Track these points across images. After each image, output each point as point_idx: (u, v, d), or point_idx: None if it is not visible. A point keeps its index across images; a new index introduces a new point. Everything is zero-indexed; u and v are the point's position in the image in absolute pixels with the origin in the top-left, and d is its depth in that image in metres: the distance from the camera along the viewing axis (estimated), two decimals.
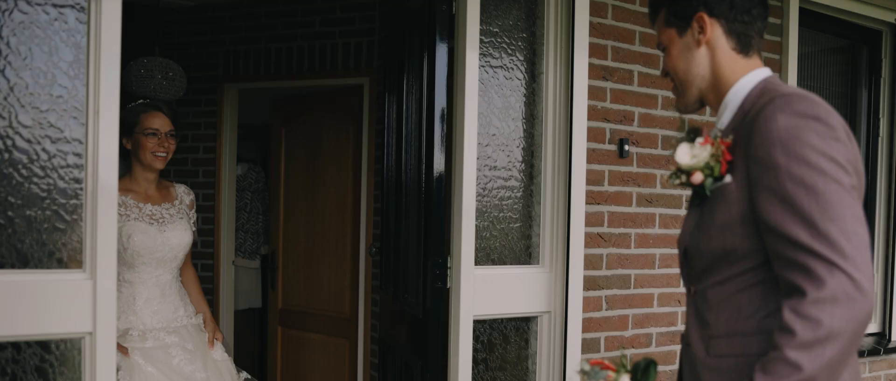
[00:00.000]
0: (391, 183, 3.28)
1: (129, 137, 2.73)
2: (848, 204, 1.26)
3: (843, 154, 1.29)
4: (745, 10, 1.52)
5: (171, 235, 2.74)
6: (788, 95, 1.34)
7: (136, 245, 2.66)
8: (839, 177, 1.27)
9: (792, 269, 1.28)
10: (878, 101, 4.00)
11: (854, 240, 1.24)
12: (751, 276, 1.40)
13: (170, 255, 2.75)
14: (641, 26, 3.05)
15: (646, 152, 3.07)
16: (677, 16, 1.55)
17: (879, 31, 3.96)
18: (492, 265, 2.79)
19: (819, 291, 1.23)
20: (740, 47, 1.53)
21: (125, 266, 2.69)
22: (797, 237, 1.26)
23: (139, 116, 2.74)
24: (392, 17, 3.45)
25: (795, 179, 1.27)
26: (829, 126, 1.30)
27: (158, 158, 2.74)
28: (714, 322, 1.46)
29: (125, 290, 2.70)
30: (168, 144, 2.76)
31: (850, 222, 1.25)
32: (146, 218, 2.72)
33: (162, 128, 2.74)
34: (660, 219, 3.12)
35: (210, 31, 4.72)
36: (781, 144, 1.30)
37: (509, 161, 2.85)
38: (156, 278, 2.74)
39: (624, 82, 3.01)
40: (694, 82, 1.56)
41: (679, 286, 3.17)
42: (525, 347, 2.89)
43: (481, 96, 2.74)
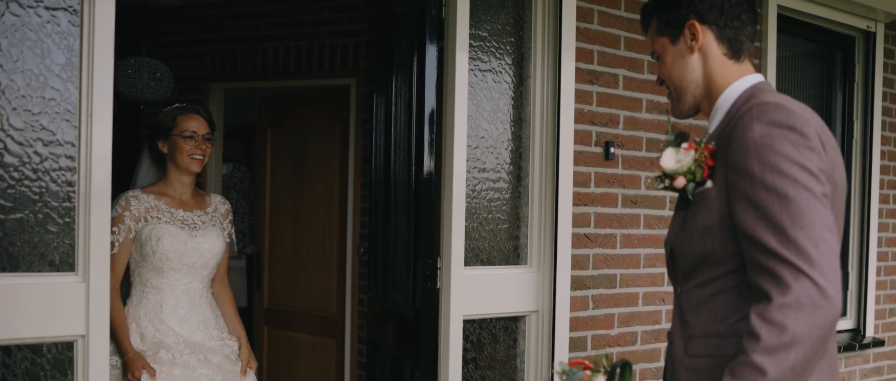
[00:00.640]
0: (380, 184, 3.31)
1: (166, 140, 2.69)
2: (818, 212, 1.29)
3: (815, 163, 1.32)
4: (734, 15, 1.55)
5: (202, 241, 2.67)
6: (765, 104, 1.37)
7: (165, 249, 2.58)
8: (811, 185, 1.30)
9: (761, 274, 1.31)
10: (852, 104, 4.10)
11: (822, 247, 1.27)
12: (728, 279, 1.43)
13: (200, 261, 2.67)
14: (626, 31, 3.10)
15: (631, 155, 3.13)
16: (669, 24, 1.58)
17: (853, 38, 4.06)
18: (481, 266, 2.83)
19: (784, 296, 1.26)
20: (732, 53, 1.55)
21: (153, 271, 2.62)
22: (767, 243, 1.29)
23: (176, 118, 2.69)
24: (380, 19, 3.48)
25: (768, 187, 1.30)
26: (803, 135, 1.32)
27: (195, 162, 2.68)
28: (693, 323, 1.50)
29: (152, 296, 2.62)
30: (205, 147, 2.71)
31: (818, 230, 1.28)
32: (177, 223, 2.66)
33: (199, 131, 2.69)
34: (644, 220, 3.17)
35: (196, 31, 4.71)
36: (756, 153, 1.33)
37: (498, 163, 2.89)
38: (185, 286, 2.66)
39: (609, 86, 3.06)
40: (689, 89, 1.58)
41: (663, 286, 3.23)
42: (513, 346, 2.93)
43: (470, 99, 2.78)
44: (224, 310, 2.82)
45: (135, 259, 2.63)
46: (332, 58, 4.47)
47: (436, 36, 2.67)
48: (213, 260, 2.72)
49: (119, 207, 2.59)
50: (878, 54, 4.05)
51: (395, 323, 3.00)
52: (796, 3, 3.61)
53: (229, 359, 2.69)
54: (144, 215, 2.61)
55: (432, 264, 2.68)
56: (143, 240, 2.59)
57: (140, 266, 2.63)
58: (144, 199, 2.64)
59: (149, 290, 2.62)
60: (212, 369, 2.59)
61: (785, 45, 3.79)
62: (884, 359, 4.26)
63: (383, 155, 3.25)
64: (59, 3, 2.11)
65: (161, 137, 2.70)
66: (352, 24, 4.44)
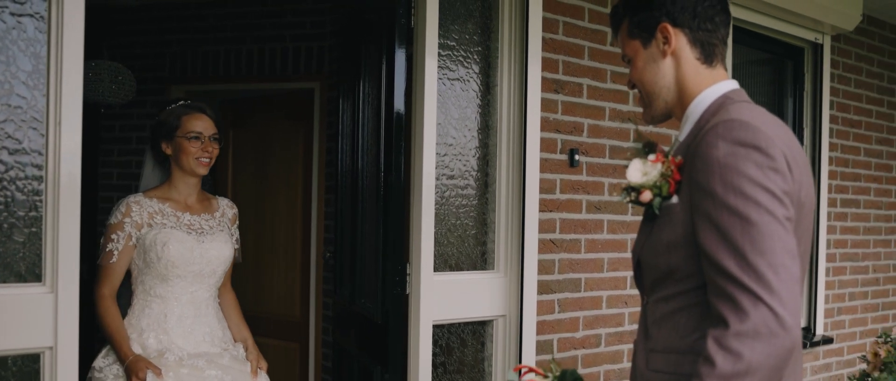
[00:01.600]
0: (346, 188, 3.32)
1: (170, 141, 2.54)
2: (780, 237, 1.25)
3: (780, 185, 1.28)
4: (708, 17, 1.50)
5: (209, 247, 2.52)
6: (731, 121, 1.33)
7: (172, 255, 2.44)
8: (774, 209, 1.26)
9: (720, 297, 1.28)
10: (802, 111, 4.26)
11: (782, 274, 1.24)
12: (691, 296, 1.40)
13: (208, 269, 2.52)
14: (590, 42, 3.18)
15: (594, 162, 3.21)
16: (640, 27, 1.53)
17: (802, 48, 4.23)
18: (450, 271, 2.87)
19: (742, 323, 1.23)
20: (704, 57, 1.51)
21: (158, 279, 2.47)
22: (727, 267, 1.26)
23: (180, 118, 2.54)
24: (346, 25, 3.49)
25: (730, 210, 1.27)
26: (768, 156, 1.28)
27: (202, 164, 2.53)
28: (655, 336, 1.48)
29: (156, 306, 2.47)
30: (212, 149, 2.56)
31: (779, 256, 1.24)
32: (184, 227, 2.51)
33: (205, 131, 2.54)
34: (607, 225, 3.26)
35: (156, 32, 4.65)
36: (719, 173, 1.29)
37: (465, 170, 2.94)
38: (191, 295, 2.51)
39: (574, 95, 3.14)
40: (660, 94, 1.54)
41: (626, 289, 3.32)
42: (481, 349, 2.98)
43: (439, 107, 2.82)
44: (228, 314, 2.70)
45: (138, 266, 2.49)
46: (296, 61, 4.46)
47: (404, 44, 2.70)
48: (220, 268, 2.58)
49: (119, 213, 2.46)
50: (825, 65, 4.23)
51: (363, 328, 3.02)
52: (750, 16, 3.74)
53: (237, 360, 2.56)
54: (148, 220, 2.47)
55: (402, 270, 2.71)
56: (147, 246, 2.45)
57: (143, 274, 2.49)
58: (147, 203, 2.50)
59: (152, 299, 2.48)
60: (221, 369, 2.46)
61: (738, 54, 3.92)
62: (832, 356, 4.44)
63: (350, 160, 3.27)
64: (25, 9, 2.09)
65: (164, 139, 2.54)
66: (316, 27, 4.44)
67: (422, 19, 2.71)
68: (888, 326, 4.82)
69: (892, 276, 4.82)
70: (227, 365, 2.48)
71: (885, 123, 4.74)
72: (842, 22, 4.04)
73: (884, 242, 4.75)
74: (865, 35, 4.56)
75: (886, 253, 4.78)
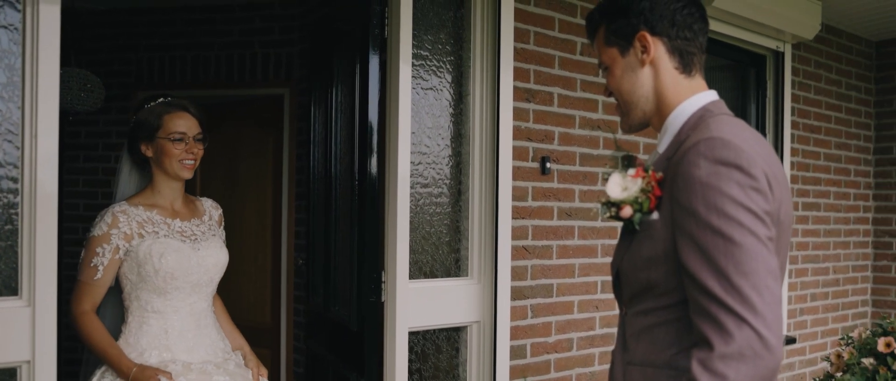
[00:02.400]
0: (319, 195, 3.33)
1: (150, 142, 2.34)
2: (762, 258, 1.25)
3: (761, 205, 1.27)
4: (687, 26, 1.47)
5: (206, 254, 2.36)
6: (713, 140, 1.31)
7: (171, 266, 2.26)
8: (756, 229, 1.26)
9: (703, 318, 1.27)
10: (765, 116, 4.38)
11: (765, 295, 1.23)
12: (671, 311, 1.40)
13: (206, 277, 2.36)
14: (560, 51, 3.24)
15: (565, 169, 3.27)
16: (617, 34, 1.50)
17: (764, 56, 4.35)
18: (424, 278, 2.90)
19: (727, 345, 1.22)
20: (683, 66, 1.48)
21: (155, 293, 2.28)
22: (710, 288, 1.25)
23: (162, 117, 2.34)
24: (317, 32, 3.50)
25: (713, 230, 1.26)
26: (750, 176, 1.27)
27: (186, 167, 2.35)
28: (633, 349, 1.47)
29: (154, 322, 2.29)
30: (197, 150, 2.38)
31: (762, 277, 1.24)
32: (177, 235, 2.33)
33: (189, 131, 2.35)
34: (578, 231, 3.32)
35: (122, 36, 4.61)
36: (702, 193, 1.28)
37: (439, 178, 2.97)
38: (190, 307, 2.33)
39: (545, 104, 3.19)
40: (639, 104, 1.51)
41: (597, 293, 3.39)
42: (456, 355, 3.02)
43: (413, 116, 2.85)
44: (221, 323, 2.54)
45: (130, 281, 2.30)
46: (265, 67, 4.46)
47: (378, 54, 2.73)
48: (217, 275, 2.42)
49: (104, 224, 2.26)
50: (786, 72, 4.35)
51: (338, 335, 3.04)
52: (715, 25, 3.84)
53: (241, 366, 2.46)
54: (138, 230, 2.27)
55: (377, 278, 2.74)
56: (140, 259, 2.25)
57: (137, 289, 2.29)
58: (134, 212, 2.29)
59: (150, 315, 2.29)
60: (228, 374, 2.35)
61: None
62: (795, 355, 4.57)
63: (322, 167, 3.28)
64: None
65: (144, 139, 2.34)
66: (285, 33, 4.44)
67: (395, 29, 2.74)
68: (848, 325, 4.98)
69: (851, 277, 4.98)
70: (233, 371, 2.38)
71: (844, 128, 4.89)
72: (802, 31, 4.17)
73: (843, 244, 4.90)
74: (824, 43, 4.70)
75: (845, 255, 4.93)
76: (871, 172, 5.13)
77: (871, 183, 5.13)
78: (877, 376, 2.20)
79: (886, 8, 4.43)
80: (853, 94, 4.97)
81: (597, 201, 3.39)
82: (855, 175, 4.99)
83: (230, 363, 2.39)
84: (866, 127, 5.09)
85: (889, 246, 5.11)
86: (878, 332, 2.36)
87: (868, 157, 5.11)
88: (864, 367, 2.25)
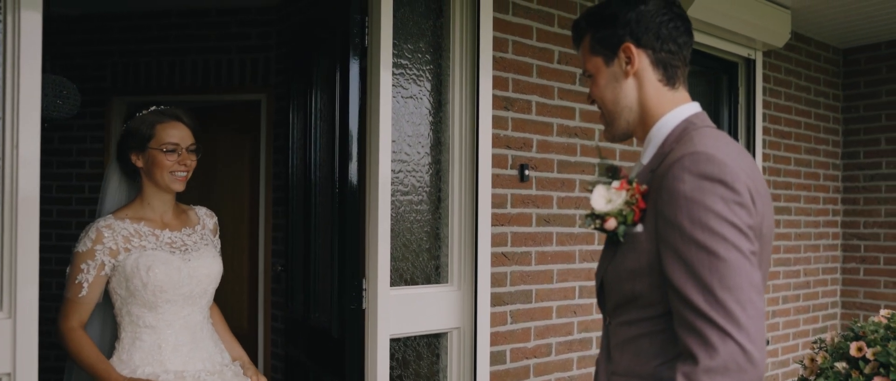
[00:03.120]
0: (298, 201, 3.34)
1: (141, 152, 2.26)
2: (746, 272, 1.26)
3: (744, 220, 1.29)
4: (672, 39, 1.48)
5: (197, 265, 2.27)
6: (697, 154, 1.32)
7: (159, 279, 2.18)
8: (740, 244, 1.27)
9: (688, 331, 1.28)
10: (737, 122, 4.47)
11: (749, 309, 1.25)
12: (655, 323, 1.41)
13: (198, 289, 2.27)
14: (538, 60, 3.28)
15: (543, 176, 3.31)
16: (603, 44, 1.50)
17: (736, 63, 4.44)
18: (405, 286, 2.92)
19: (711, 359, 1.24)
20: (667, 79, 1.49)
21: (146, 307, 2.20)
22: (694, 302, 1.27)
23: (154, 127, 2.25)
24: (296, 38, 3.51)
25: (697, 244, 1.27)
26: (733, 190, 1.29)
27: (178, 179, 2.27)
28: (617, 359, 1.48)
29: (147, 337, 2.21)
30: (190, 162, 2.29)
31: (746, 291, 1.25)
32: (166, 247, 2.25)
33: (182, 142, 2.26)
34: (556, 237, 3.36)
35: (97, 42, 4.57)
36: (686, 207, 1.29)
37: (419, 186, 3.00)
38: (184, 320, 2.25)
39: (523, 112, 3.23)
40: (622, 114, 1.52)
41: (575, 299, 3.43)
42: (436, 361, 3.04)
43: (393, 124, 2.87)
44: (219, 333, 2.46)
45: (120, 296, 2.23)
46: (242, 73, 4.44)
47: (359, 62, 2.75)
48: (211, 286, 2.34)
49: (89, 240, 2.19)
50: (757, 79, 4.44)
51: (318, 341, 3.05)
52: None
53: (239, 376, 2.39)
54: (124, 244, 2.20)
55: (358, 286, 2.75)
56: (128, 273, 2.18)
57: (127, 304, 2.22)
58: (120, 226, 2.21)
59: (142, 330, 2.21)
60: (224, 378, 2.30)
61: None
62: (768, 357, 4.65)
63: (301, 173, 3.29)
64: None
65: (135, 149, 2.26)
66: (262, 39, 4.43)
67: (376, 38, 2.76)
68: (818, 326, 5.09)
69: (821, 279, 5.09)
70: (230, 379, 2.32)
71: (813, 134, 5.00)
72: (772, 39, 4.26)
73: (813, 247, 5.01)
74: (794, 51, 4.81)
75: (816, 257, 5.04)
76: (839, 177, 5.26)
77: (839, 187, 5.25)
78: (849, 379, 2.27)
79: (853, 17, 4.55)
80: (821, 100, 5.09)
81: (575, 207, 3.43)
82: (824, 179, 5.11)
83: (227, 372, 2.32)
84: (834, 132, 5.21)
85: (857, 249, 5.24)
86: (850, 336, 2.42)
87: (836, 161, 5.23)
88: (837, 371, 2.32)
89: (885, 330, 2.41)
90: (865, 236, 5.20)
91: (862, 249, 5.22)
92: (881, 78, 5.13)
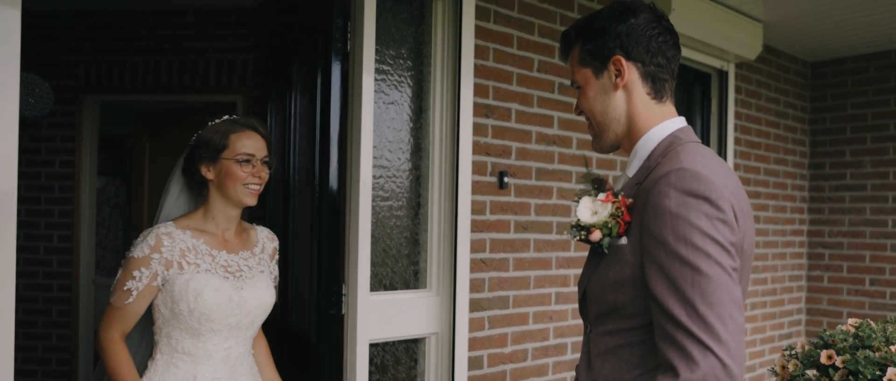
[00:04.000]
0: (276, 206, 3.32)
1: (213, 163, 2.12)
2: (728, 288, 1.29)
3: (727, 237, 1.31)
4: (660, 52, 1.49)
5: (249, 294, 2.12)
6: (683, 171, 1.34)
7: (207, 306, 2.02)
8: (722, 260, 1.29)
9: (669, 345, 1.30)
10: (709, 131, 4.56)
11: (729, 325, 1.27)
12: (637, 333, 1.42)
13: (246, 320, 2.12)
14: (518, 68, 3.31)
15: (522, 183, 3.34)
16: (592, 56, 1.51)
17: (709, 74, 4.52)
18: (384, 291, 2.93)
19: (692, 372, 1.26)
20: (655, 92, 1.50)
21: (187, 333, 2.05)
22: (677, 316, 1.29)
23: (228, 136, 2.13)
24: (276, 41, 3.49)
25: (681, 260, 1.29)
26: (718, 208, 1.31)
27: (251, 193, 2.12)
28: (598, 368, 1.49)
29: (183, 365, 2.06)
30: (264, 175, 2.15)
31: (727, 307, 1.27)
32: (220, 270, 2.09)
33: (257, 153, 2.14)
34: (534, 244, 3.39)
35: (68, 39, 4.49)
36: (671, 223, 1.31)
37: (399, 191, 3.01)
38: (225, 352, 2.10)
39: (503, 119, 3.26)
40: (611, 126, 1.52)
41: (551, 304, 3.47)
42: (414, 366, 3.05)
43: (374, 129, 2.87)
44: (261, 368, 2.30)
45: (162, 316, 2.08)
46: (218, 74, 4.41)
47: (341, 67, 2.75)
48: (260, 318, 2.18)
49: (146, 246, 2.04)
50: (730, 90, 4.54)
51: (295, 345, 3.04)
52: None
53: None
54: (180, 258, 2.05)
55: (338, 291, 2.75)
56: (176, 294, 2.03)
57: (169, 325, 2.08)
58: (180, 237, 2.07)
59: (179, 356, 2.07)
60: None
61: None
62: None
63: (279, 176, 3.27)
64: None
65: (205, 159, 2.13)
66: (239, 40, 4.40)
67: (359, 42, 2.76)
68: (784, 332, 5.20)
69: (787, 286, 5.20)
70: None
71: (781, 145, 5.12)
72: (745, 51, 4.35)
73: (780, 255, 5.12)
74: (765, 63, 4.92)
75: (782, 265, 5.16)
76: (806, 187, 5.38)
77: (806, 197, 5.38)
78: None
79: (821, 32, 4.67)
80: (790, 111, 5.20)
81: (552, 214, 3.47)
82: (791, 189, 5.22)
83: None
84: (802, 143, 5.34)
85: (822, 257, 5.37)
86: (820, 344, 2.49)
87: (803, 172, 5.35)
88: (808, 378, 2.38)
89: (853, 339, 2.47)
90: (830, 244, 5.33)
91: (826, 257, 5.35)
92: (847, 91, 5.27)
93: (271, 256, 2.29)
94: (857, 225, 5.21)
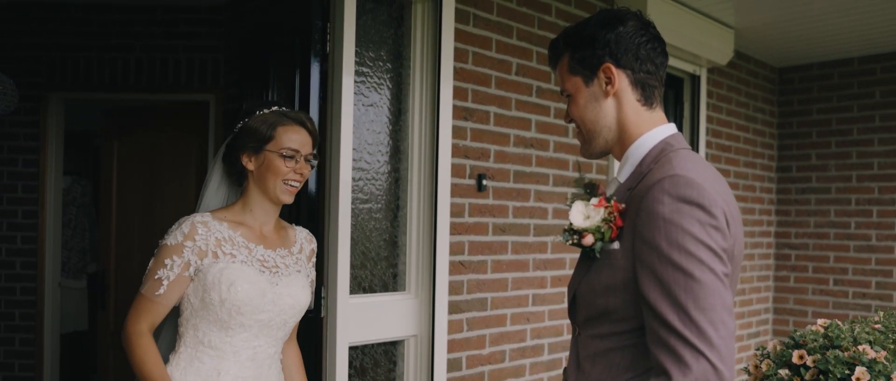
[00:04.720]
0: None
1: (256, 154, 2.02)
2: (719, 294, 1.30)
3: (719, 243, 1.33)
4: (650, 59, 1.50)
5: (284, 291, 2.02)
6: (676, 178, 1.35)
7: (240, 298, 1.92)
8: (714, 266, 1.31)
9: (662, 349, 1.32)
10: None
11: (721, 329, 1.29)
12: (627, 337, 1.43)
13: (278, 319, 2.02)
14: (497, 71, 3.32)
15: (500, 186, 3.35)
16: (582, 64, 1.52)
17: (682, 79, 4.59)
18: (364, 294, 2.91)
19: (684, 376, 1.28)
20: (644, 99, 1.51)
21: (215, 326, 1.95)
22: (669, 321, 1.30)
23: (275, 128, 2.02)
24: (251, 40, 3.45)
25: (674, 265, 1.31)
26: (710, 214, 1.33)
27: (289, 190, 2.05)
28: (588, 371, 1.50)
29: (208, 360, 1.96)
30: (306, 172, 2.07)
31: (719, 312, 1.29)
32: (256, 263, 2.01)
33: (302, 149, 2.04)
34: (512, 246, 3.40)
35: (31, 33, 4.37)
36: (664, 229, 1.32)
37: (378, 193, 2.99)
38: (253, 351, 1.99)
39: (481, 122, 3.26)
40: (601, 133, 1.54)
41: (528, 306, 3.48)
42: (393, 369, 3.04)
43: (353, 132, 2.85)
44: (291, 375, 2.20)
45: (191, 306, 1.97)
46: (189, 72, 4.33)
47: (320, 68, 2.72)
48: (293, 319, 2.08)
49: (180, 233, 1.95)
50: (702, 94, 4.60)
51: None
52: None
53: None
54: (215, 248, 1.96)
55: (317, 293, 2.73)
56: (208, 283, 1.93)
57: (197, 316, 1.97)
58: (216, 227, 1.98)
59: (205, 350, 1.97)
60: None
61: None
62: None
63: None
64: None
65: (249, 150, 2.03)
66: (212, 39, 4.33)
67: (338, 44, 2.74)
68: (752, 331, 5.30)
69: (755, 286, 5.30)
70: None
71: (750, 148, 5.21)
72: (717, 57, 4.42)
73: (748, 255, 5.22)
74: (735, 68, 5.00)
75: (751, 266, 5.25)
76: (773, 189, 5.49)
77: (773, 199, 5.48)
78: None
79: (789, 39, 4.77)
80: (759, 116, 5.30)
81: (529, 217, 3.48)
82: (759, 191, 5.32)
83: None
84: (770, 147, 5.44)
85: (788, 258, 5.48)
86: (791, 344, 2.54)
87: (771, 175, 5.46)
88: (780, 378, 2.42)
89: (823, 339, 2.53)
90: (796, 245, 5.45)
91: (792, 258, 5.47)
92: (813, 97, 5.39)
93: (309, 257, 2.21)
94: (822, 227, 5.33)
